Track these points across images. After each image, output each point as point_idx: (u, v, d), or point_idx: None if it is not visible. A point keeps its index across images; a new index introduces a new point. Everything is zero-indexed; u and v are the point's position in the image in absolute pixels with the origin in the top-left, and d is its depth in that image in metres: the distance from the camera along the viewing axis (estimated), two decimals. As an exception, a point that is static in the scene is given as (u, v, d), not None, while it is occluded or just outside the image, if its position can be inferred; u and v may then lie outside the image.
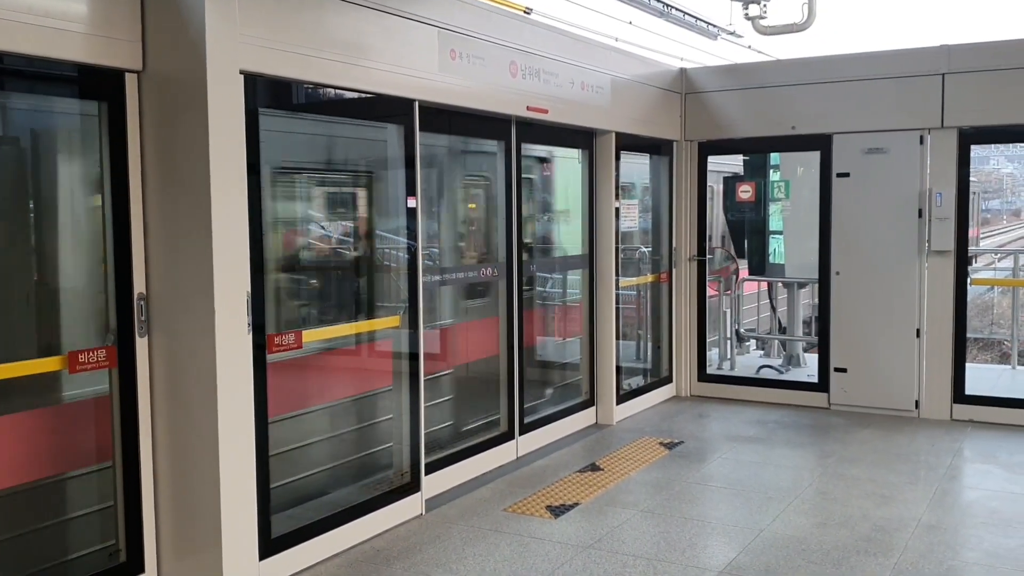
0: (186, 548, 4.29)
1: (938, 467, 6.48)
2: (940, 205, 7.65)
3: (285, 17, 4.50)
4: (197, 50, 4.03)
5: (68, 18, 3.81)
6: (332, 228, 5.84)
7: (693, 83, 8.66)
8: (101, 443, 4.28)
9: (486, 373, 6.72)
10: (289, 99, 4.84)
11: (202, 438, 4.18)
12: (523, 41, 6.40)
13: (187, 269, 4.15)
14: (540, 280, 7.71)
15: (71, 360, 3.99)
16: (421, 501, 5.51)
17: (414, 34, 5.35)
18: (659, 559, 4.81)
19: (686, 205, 8.78)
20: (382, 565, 4.76)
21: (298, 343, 4.72)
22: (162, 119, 4.15)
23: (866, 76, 7.92)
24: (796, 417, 7.98)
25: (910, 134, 7.78)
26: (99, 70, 4.02)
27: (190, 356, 4.19)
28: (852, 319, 8.09)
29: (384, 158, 5.60)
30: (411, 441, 5.48)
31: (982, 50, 7.58)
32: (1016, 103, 7.39)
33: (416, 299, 5.46)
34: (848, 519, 5.39)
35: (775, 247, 10.25)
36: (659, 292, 8.76)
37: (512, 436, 6.64)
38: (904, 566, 4.70)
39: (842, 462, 6.57)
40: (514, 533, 5.19)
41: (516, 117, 6.45)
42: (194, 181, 4.09)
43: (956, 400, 7.77)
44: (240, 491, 4.27)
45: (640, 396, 8.28)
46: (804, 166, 9.36)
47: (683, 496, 5.87)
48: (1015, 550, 4.92)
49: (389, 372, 5.59)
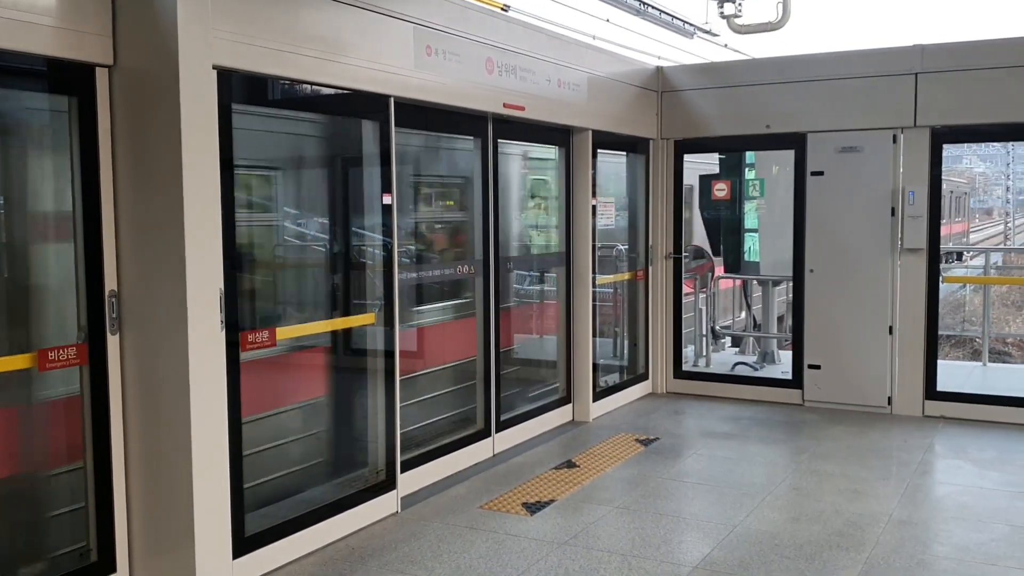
0: (158, 547, 4.25)
1: (910, 463, 6.55)
2: (913, 203, 7.72)
3: (259, 12, 4.47)
4: (169, 45, 3.99)
5: (36, 11, 3.76)
6: (308, 225, 5.81)
7: (669, 81, 8.69)
8: (72, 441, 4.23)
9: (462, 371, 6.73)
10: (264, 95, 4.81)
11: (174, 436, 4.15)
12: (500, 38, 6.39)
13: (159, 266, 4.12)
14: (519, 278, 7.71)
15: (41, 358, 3.95)
16: (397, 499, 5.49)
17: (390, 30, 5.33)
18: (634, 555, 4.83)
19: (662, 203, 8.81)
20: (357, 563, 4.74)
21: (272, 340, 4.70)
22: (134, 114, 4.11)
23: (840, 76, 7.98)
24: (770, 414, 8.03)
25: (883, 133, 7.84)
26: (69, 64, 3.97)
27: (162, 353, 4.16)
28: (826, 316, 8.14)
29: (359, 154, 5.58)
30: (387, 439, 5.46)
31: (955, 50, 7.65)
32: (988, 103, 7.46)
33: (392, 296, 5.45)
34: (821, 514, 5.43)
35: (750, 245, 10.30)
36: (635, 290, 8.79)
37: (488, 433, 6.64)
38: (876, 560, 4.74)
39: (815, 458, 6.62)
40: (490, 530, 5.19)
41: (493, 114, 6.45)
42: (166, 177, 4.05)
43: (928, 397, 7.84)
44: (213, 489, 4.24)
45: (616, 393, 8.30)
46: (779, 165, 9.42)
47: (658, 492, 5.89)
48: (985, 544, 4.98)
49: (364, 369, 5.57)
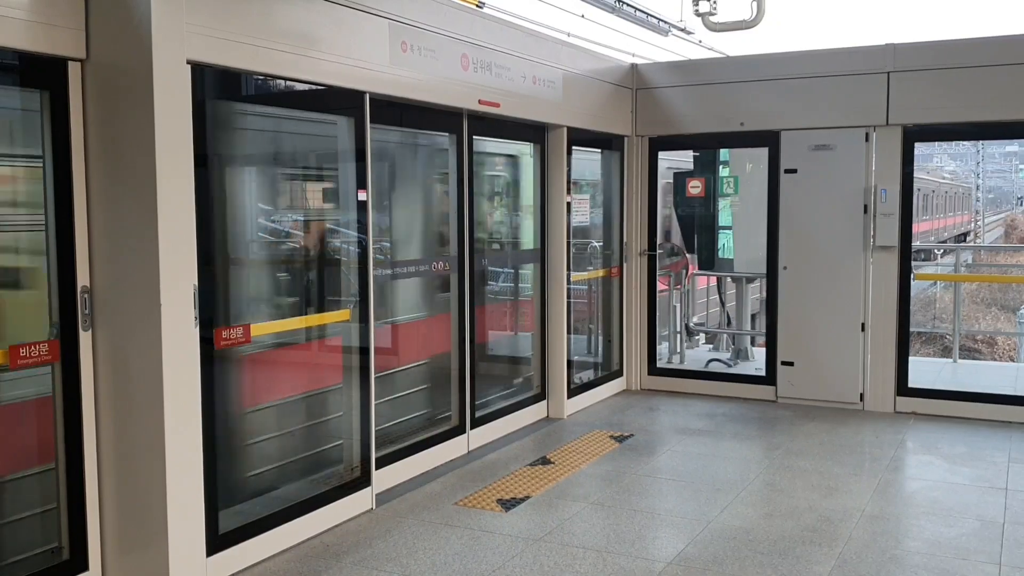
0: (131, 545, 4.22)
1: (882, 458, 6.61)
2: (885, 201, 7.80)
3: (233, 6, 4.43)
4: (142, 39, 3.95)
5: (7, 4, 3.71)
6: (282, 221, 5.77)
7: (644, 79, 8.71)
8: (43, 439, 4.19)
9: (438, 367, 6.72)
10: (238, 90, 4.77)
11: (148, 433, 4.12)
12: (475, 34, 6.38)
13: (132, 262, 4.08)
14: (492, 275, 7.70)
15: (12, 355, 3.90)
16: (372, 495, 5.48)
17: (365, 25, 5.31)
18: (609, 551, 4.85)
19: (637, 200, 8.84)
20: (332, 560, 4.73)
21: (247, 337, 4.67)
22: (107, 109, 4.07)
23: (813, 74, 8.03)
24: (744, 410, 8.08)
25: (856, 131, 7.91)
26: (40, 58, 3.92)
27: (136, 350, 4.12)
28: (799, 313, 8.20)
29: (334, 151, 5.56)
30: (361, 436, 5.45)
31: (926, 49, 7.72)
32: (959, 102, 7.53)
33: (367, 293, 5.43)
34: (794, 510, 5.47)
35: (724, 242, 10.35)
36: (610, 287, 8.81)
37: (463, 430, 6.64)
38: (848, 555, 4.79)
39: (789, 454, 6.67)
40: (465, 527, 5.19)
41: (468, 111, 6.44)
42: (139, 172, 4.01)
43: (900, 393, 7.93)
44: (186, 486, 4.21)
45: (591, 390, 8.32)
46: (753, 162, 9.47)
47: (633, 488, 5.92)
48: (955, 539, 5.04)
49: (339, 367, 5.55)
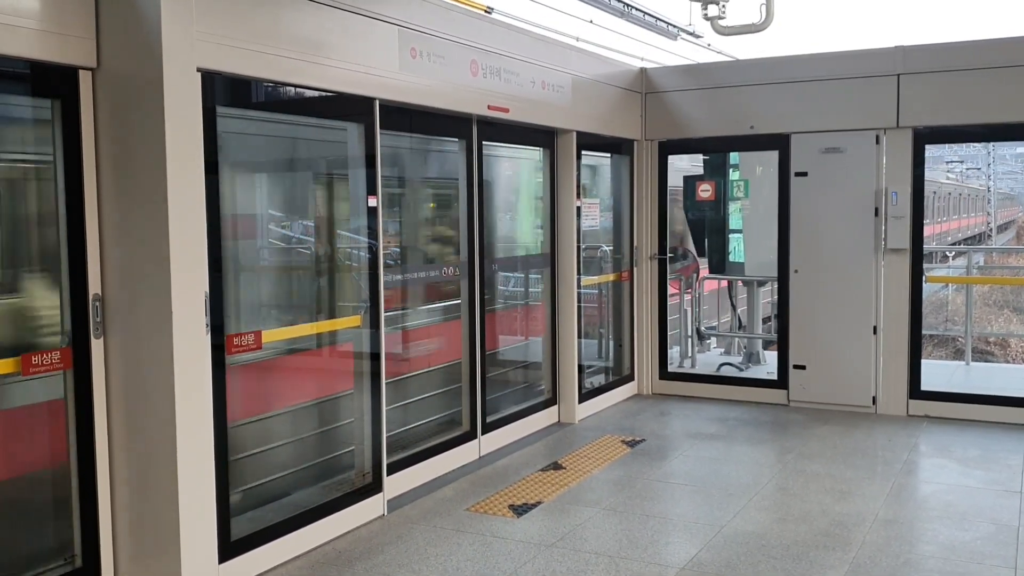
0: (143, 552, 4.23)
1: (895, 462, 6.58)
2: (896, 204, 7.77)
3: (243, 14, 4.45)
4: (153, 47, 3.97)
5: (20, 14, 3.73)
6: (293, 227, 5.78)
7: (653, 83, 8.71)
8: (56, 446, 4.20)
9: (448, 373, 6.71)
10: (248, 97, 4.79)
11: (160, 440, 4.12)
12: (484, 40, 6.39)
13: (144, 269, 4.09)
14: (502, 279, 7.70)
15: (24, 362, 3.92)
16: (383, 502, 5.48)
17: (374, 32, 5.32)
18: (621, 557, 4.83)
19: (647, 204, 8.83)
20: (344, 566, 4.73)
21: (258, 344, 4.68)
22: (117, 117, 4.09)
23: (823, 77, 8.02)
24: (756, 414, 8.06)
25: (866, 134, 7.88)
26: (52, 67, 3.94)
27: (147, 357, 4.13)
28: (810, 317, 8.18)
29: (344, 157, 5.56)
30: (373, 442, 5.45)
31: (936, 51, 7.70)
32: (969, 103, 7.51)
33: (377, 299, 5.44)
34: (807, 514, 5.45)
35: (735, 246, 10.33)
36: (620, 291, 8.80)
37: (474, 435, 6.63)
38: (862, 560, 4.76)
39: (801, 458, 6.65)
40: (476, 532, 5.18)
41: (477, 116, 6.45)
42: (151, 180, 4.02)
43: (912, 396, 7.89)
44: (199, 494, 4.22)
45: (602, 394, 8.31)
46: (763, 165, 9.45)
47: (645, 494, 5.90)
48: (970, 543, 5.01)
49: (351, 373, 5.56)
